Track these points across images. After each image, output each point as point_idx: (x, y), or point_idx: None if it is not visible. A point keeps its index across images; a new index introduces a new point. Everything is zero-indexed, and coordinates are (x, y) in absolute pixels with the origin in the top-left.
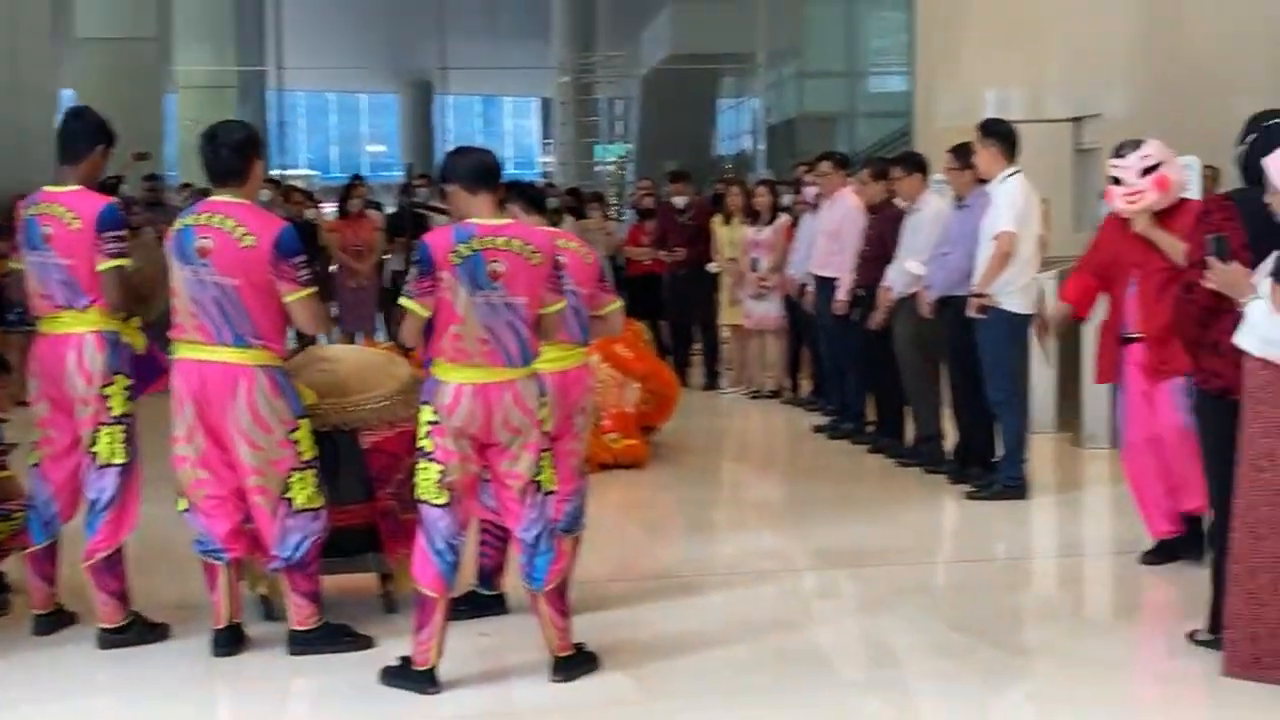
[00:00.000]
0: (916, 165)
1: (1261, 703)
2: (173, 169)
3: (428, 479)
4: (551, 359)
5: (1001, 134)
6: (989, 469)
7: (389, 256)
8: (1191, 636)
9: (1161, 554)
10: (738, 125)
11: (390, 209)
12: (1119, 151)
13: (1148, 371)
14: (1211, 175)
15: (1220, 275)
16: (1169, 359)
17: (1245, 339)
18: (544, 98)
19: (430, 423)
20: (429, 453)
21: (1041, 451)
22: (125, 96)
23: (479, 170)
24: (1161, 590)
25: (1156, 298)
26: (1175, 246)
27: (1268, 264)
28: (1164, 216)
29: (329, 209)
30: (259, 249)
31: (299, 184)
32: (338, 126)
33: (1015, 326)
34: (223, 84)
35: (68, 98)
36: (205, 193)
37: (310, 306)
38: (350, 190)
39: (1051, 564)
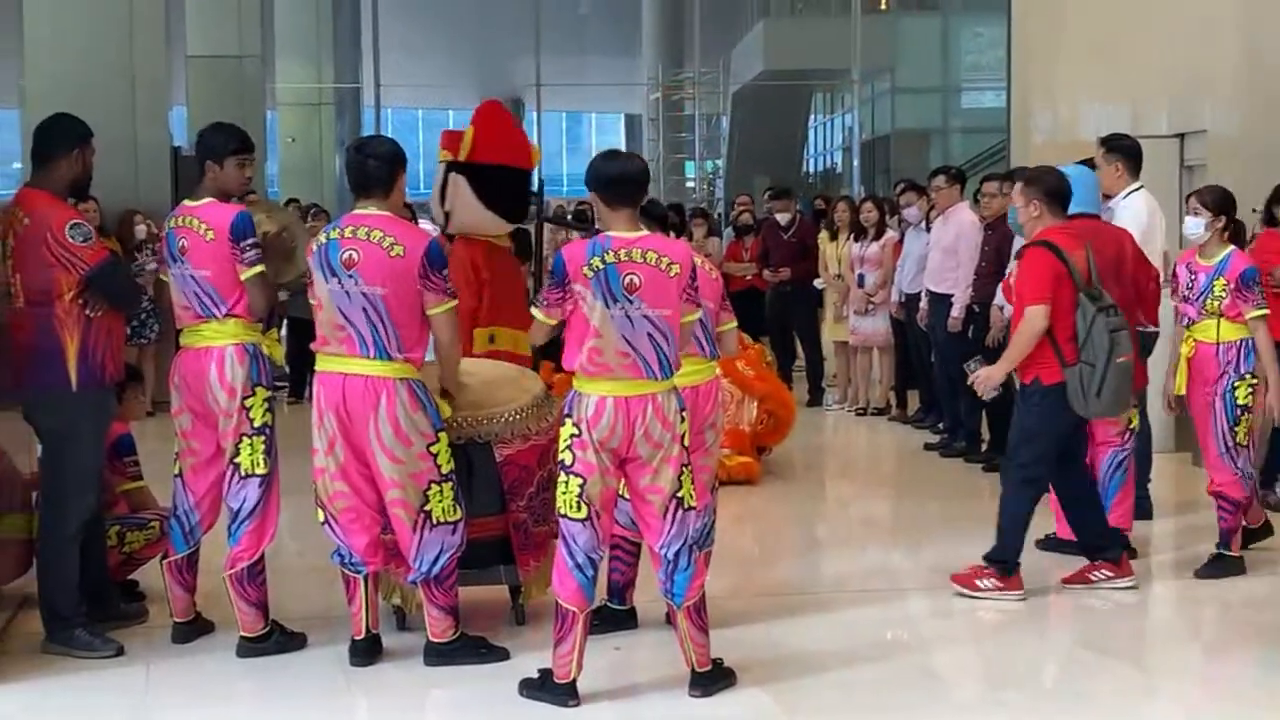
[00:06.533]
0: None
1: None
2: (274, 185)
3: (568, 493)
4: (683, 374)
5: (1125, 149)
6: None
7: None
8: None
9: None
10: (829, 141)
11: None
12: None
13: None
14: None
15: None
16: None
17: None
18: (627, 114)
19: (572, 436)
20: (569, 466)
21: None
22: (232, 113)
23: (617, 183)
24: None
25: None
26: None
27: None
28: None
29: (425, 225)
30: (409, 260)
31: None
32: (425, 143)
33: (1145, 343)
34: (320, 100)
35: (179, 116)
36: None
37: (454, 320)
38: None
39: (1178, 585)
